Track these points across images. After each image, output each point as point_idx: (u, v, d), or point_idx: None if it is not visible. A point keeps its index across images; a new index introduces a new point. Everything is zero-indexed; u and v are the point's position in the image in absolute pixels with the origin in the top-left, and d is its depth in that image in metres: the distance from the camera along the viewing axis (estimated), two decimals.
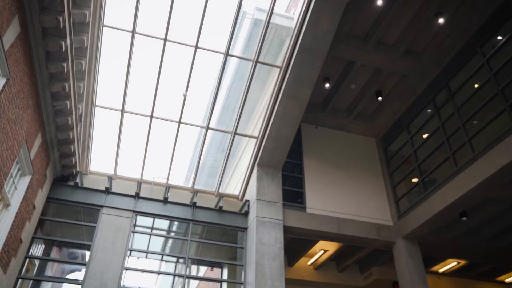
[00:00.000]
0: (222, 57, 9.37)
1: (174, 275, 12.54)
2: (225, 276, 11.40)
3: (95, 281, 8.42)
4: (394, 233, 10.82)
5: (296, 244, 11.85)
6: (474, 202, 9.25)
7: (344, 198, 11.03)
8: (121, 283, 8.69)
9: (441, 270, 13.80)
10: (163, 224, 10.81)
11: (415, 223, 10.19)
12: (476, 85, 9.40)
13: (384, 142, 12.49)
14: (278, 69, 9.67)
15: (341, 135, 12.34)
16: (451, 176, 9.33)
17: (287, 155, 10.60)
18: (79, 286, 8.46)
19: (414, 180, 10.95)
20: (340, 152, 11.96)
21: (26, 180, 7.69)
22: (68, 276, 13.31)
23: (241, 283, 9.61)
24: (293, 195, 10.88)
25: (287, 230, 9.92)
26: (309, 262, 12.92)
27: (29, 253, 8.84)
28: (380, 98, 11.16)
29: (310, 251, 12.26)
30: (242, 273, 9.67)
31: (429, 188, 10.15)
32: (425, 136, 10.90)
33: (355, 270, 13.53)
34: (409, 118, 11.55)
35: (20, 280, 8.64)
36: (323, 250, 12.25)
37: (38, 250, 10.19)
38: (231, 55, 9.56)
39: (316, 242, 11.62)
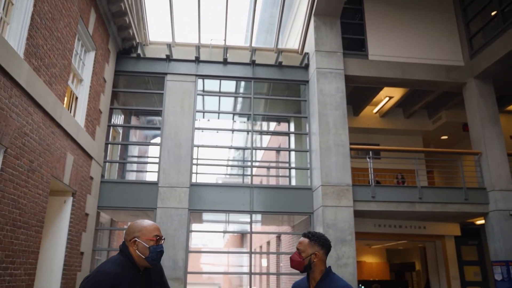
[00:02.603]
0: None
1: (244, 131, 13.32)
2: (292, 130, 11.93)
3: (170, 141, 9.26)
4: (465, 74, 10.23)
5: (360, 93, 11.76)
6: None
7: (409, 41, 10.36)
8: (194, 142, 9.46)
9: None
10: (228, 85, 11.12)
11: (490, 60, 9.47)
12: None
13: None
14: None
15: None
16: None
17: (346, 0, 9.87)
18: (158, 147, 9.37)
19: (493, 13, 9.84)
20: None
21: (91, 55, 8.09)
22: (151, 141, 14.75)
23: (306, 134, 10.02)
24: (355, 43, 10.42)
25: (349, 79, 9.78)
26: (375, 110, 12.91)
27: (111, 122, 9.79)
28: None
29: (375, 99, 12.17)
30: (307, 125, 10.00)
31: (510, 19, 9.12)
32: None
33: (423, 115, 13.38)
34: None
35: (109, 145, 9.78)
36: (388, 97, 12.07)
37: (118, 119, 11.21)
38: None
39: (381, 89, 11.43)
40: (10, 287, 5.17)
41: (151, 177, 12.03)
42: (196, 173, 9.84)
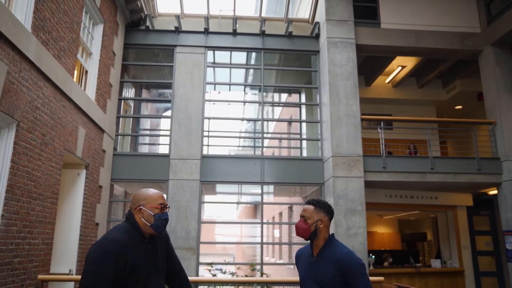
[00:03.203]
0: None
1: (254, 102, 13.27)
2: (303, 101, 11.85)
3: (181, 114, 9.30)
4: (481, 41, 9.94)
5: (372, 62, 11.56)
6: None
7: (423, 8, 10.05)
8: (205, 114, 9.48)
9: None
10: (238, 57, 11.01)
11: (508, 26, 9.17)
12: None
13: None
14: None
15: None
16: None
17: None
18: (169, 120, 9.43)
19: None
20: None
21: (100, 28, 8.06)
22: (163, 114, 14.82)
23: (317, 105, 9.95)
24: (366, 11, 10.14)
25: (360, 48, 9.60)
26: (387, 80, 12.71)
27: (122, 96, 9.85)
28: None
29: (387, 69, 11.95)
30: (317, 96, 9.92)
31: None
32: None
33: (436, 85, 13.12)
34: None
35: (120, 119, 9.87)
36: (401, 66, 11.85)
37: (129, 93, 11.26)
38: None
39: (393, 58, 11.19)
40: (29, 255, 5.37)
41: (163, 149, 12.16)
42: (208, 145, 9.90)
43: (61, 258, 6.74)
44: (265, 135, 10.35)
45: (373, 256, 11.01)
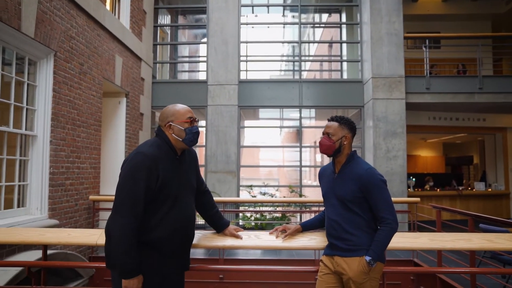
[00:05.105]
0: None
1: (292, 24, 12.78)
2: (343, 21, 11.26)
3: (217, 39, 9.15)
4: None
5: None
6: None
7: None
8: (240, 38, 9.28)
9: None
10: None
11: None
12: None
13: None
14: None
15: None
16: None
17: None
18: (205, 45, 9.33)
19: None
20: None
21: None
22: (202, 40, 14.63)
23: (357, 24, 9.44)
24: None
25: None
26: None
27: (157, 23, 9.76)
28: None
29: None
30: (358, 15, 9.38)
31: None
32: None
33: None
34: None
35: (158, 47, 9.87)
36: None
37: (165, 20, 11.13)
38: None
39: None
40: (79, 178, 5.79)
41: (202, 76, 12.20)
42: (246, 70, 9.81)
43: (109, 181, 7.21)
44: (304, 58, 10.04)
45: (414, 179, 10.96)
